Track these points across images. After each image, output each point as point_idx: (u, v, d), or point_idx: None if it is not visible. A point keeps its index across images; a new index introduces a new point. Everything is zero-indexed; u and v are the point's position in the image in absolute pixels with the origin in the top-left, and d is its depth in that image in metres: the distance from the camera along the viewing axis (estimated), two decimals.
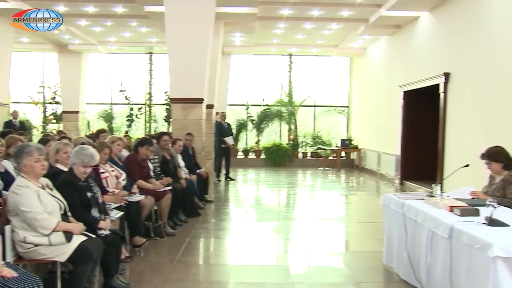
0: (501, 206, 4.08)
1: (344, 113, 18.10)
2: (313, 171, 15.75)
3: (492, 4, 7.95)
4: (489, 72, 7.95)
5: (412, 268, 4.27)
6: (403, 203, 4.49)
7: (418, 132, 11.65)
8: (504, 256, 2.86)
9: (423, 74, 10.57)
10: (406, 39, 12.11)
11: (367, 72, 15.96)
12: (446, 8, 9.71)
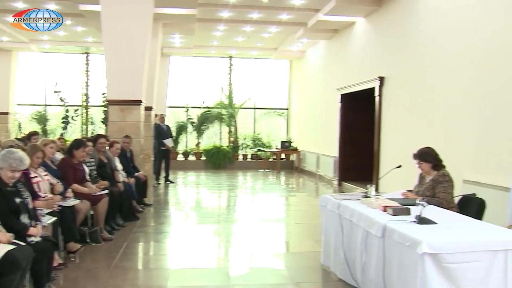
0: (430, 205, 4.27)
1: (283, 116, 18.33)
2: (254, 173, 15.83)
3: (421, 12, 8.32)
4: (419, 75, 8.31)
5: (348, 267, 4.37)
6: (339, 204, 4.59)
7: (355, 134, 11.96)
8: (431, 252, 2.99)
9: (360, 78, 10.88)
10: (343, 44, 12.43)
11: (306, 75, 16.25)
12: (380, 15, 10.06)
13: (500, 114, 6.17)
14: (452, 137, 7.16)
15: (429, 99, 7.97)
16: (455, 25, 7.28)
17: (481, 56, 6.59)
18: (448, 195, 4.71)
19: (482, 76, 6.56)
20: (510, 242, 3.15)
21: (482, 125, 6.54)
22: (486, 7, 6.54)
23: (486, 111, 6.46)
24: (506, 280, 3.12)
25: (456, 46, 7.24)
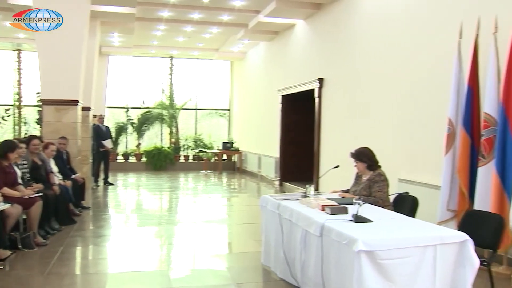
0: (367, 203, 4.40)
1: (225, 116, 18.34)
2: (195, 174, 15.73)
3: (357, 17, 8.59)
4: (356, 77, 8.57)
5: (288, 266, 4.42)
6: (279, 204, 4.64)
7: (296, 135, 12.15)
8: (366, 250, 3.07)
9: (300, 79, 11.06)
10: (283, 45, 12.59)
11: (247, 76, 16.33)
12: (319, 18, 10.28)
13: (428, 116, 6.47)
14: (388, 138, 7.42)
15: (366, 101, 8.22)
16: (387, 31, 7.58)
17: (411, 60, 6.89)
18: (383, 194, 4.87)
19: (412, 79, 6.85)
20: (438, 238, 3.30)
21: (413, 126, 6.82)
22: (415, 15, 6.85)
23: (417, 113, 6.74)
24: (434, 273, 3.27)
25: (388, 50, 7.52)
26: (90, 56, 10.51)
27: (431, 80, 6.44)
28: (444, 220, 5.56)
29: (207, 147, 17.27)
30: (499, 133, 4.92)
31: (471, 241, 3.35)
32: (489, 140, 5.05)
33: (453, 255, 3.36)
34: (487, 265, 3.84)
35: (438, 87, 6.19)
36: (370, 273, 3.09)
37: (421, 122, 6.64)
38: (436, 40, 6.35)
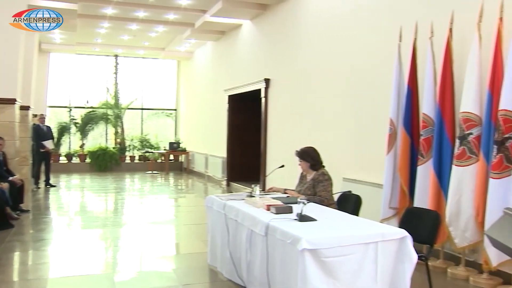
0: (312, 202, 4.47)
1: (172, 116, 18.14)
2: (142, 175, 15.49)
3: (303, 18, 8.71)
4: (302, 78, 8.68)
5: (234, 266, 4.42)
6: (224, 204, 4.64)
7: (243, 135, 12.17)
8: (310, 248, 3.12)
9: (247, 79, 11.09)
10: (230, 45, 12.59)
11: (194, 75, 16.23)
12: (265, 19, 10.35)
13: (371, 116, 6.65)
14: (332, 138, 7.56)
15: (311, 101, 8.35)
16: (332, 32, 7.72)
17: (355, 61, 7.05)
18: (328, 193, 4.96)
19: (357, 80, 7.02)
20: (380, 235, 3.40)
21: (357, 126, 6.99)
22: (359, 18, 7.01)
23: (361, 113, 6.91)
24: (376, 269, 3.36)
25: (333, 51, 7.67)
26: (29, 53, 10.13)
27: (374, 82, 6.62)
28: (386, 217, 5.73)
29: (153, 148, 17.03)
30: (436, 133, 5.13)
31: (410, 237, 3.46)
32: (427, 140, 5.25)
33: (393, 251, 3.46)
34: (424, 260, 3.99)
35: (380, 88, 6.37)
36: (314, 271, 3.14)
37: (365, 122, 6.82)
38: (378, 42, 6.54)
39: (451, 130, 5.03)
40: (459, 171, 4.81)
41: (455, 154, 4.84)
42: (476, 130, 4.71)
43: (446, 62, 5.03)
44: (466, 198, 4.77)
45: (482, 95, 4.70)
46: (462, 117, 4.78)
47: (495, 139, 4.40)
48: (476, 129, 4.70)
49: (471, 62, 4.73)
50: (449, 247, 5.19)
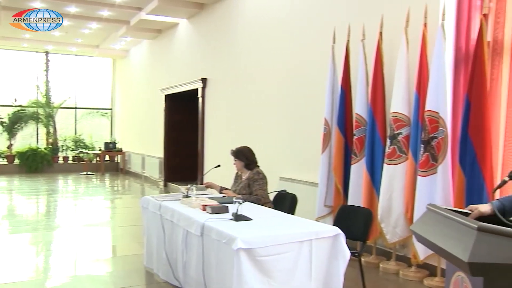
0: (247, 202, 4.50)
1: (107, 116, 17.67)
2: (76, 176, 15.00)
3: (240, 17, 8.74)
4: (239, 78, 8.71)
5: (171, 267, 4.37)
6: (160, 205, 4.57)
7: (180, 135, 12.07)
8: (245, 247, 3.13)
9: (183, 79, 10.99)
10: (167, 44, 12.43)
11: (130, 74, 15.90)
12: (202, 18, 10.29)
13: (307, 116, 6.76)
14: (269, 137, 7.63)
15: (248, 101, 8.39)
16: (269, 32, 7.79)
17: (291, 61, 7.15)
18: (263, 191, 5.00)
19: (292, 80, 7.12)
20: (314, 233, 3.46)
21: (294, 126, 7.09)
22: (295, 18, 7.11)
23: (297, 113, 7.02)
24: (311, 267, 3.42)
25: (270, 51, 7.74)
26: None
27: (309, 82, 6.74)
28: (322, 215, 5.86)
29: (88, 148, 16.53)
30: (368, 133, 5.29)
31: (343, 235, 3.55)
32: (360, 139, 5.41)
33: (327, 248, 3.53)
34: (357, 256, 4.11)
35: (315, 88, 6.49)
36: (249, 270, 3.15)
37: (301, 122, 6.93)
38: (313, 43, 6.66)
39: (382, 130, 5.21)
40: (390, 169, 4.99)
41: (386, 153, 5.02)
42: (405, 130, 4.90)
43: (377, 64, 5.21)
44: (396, 196, 4.96)
45: (410, 96, 4.91)
46: (392, 117, 4.96)
47: (422, 139, 4.60)
48: (405, 129, 4.90)
49: (400, 64, 4.93)
50: (381, 243, 5.36)
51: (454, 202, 4.44)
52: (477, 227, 1.71)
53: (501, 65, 4.32)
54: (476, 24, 4.45)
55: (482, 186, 4.16)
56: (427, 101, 4.57)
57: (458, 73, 4.73)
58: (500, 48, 4.33)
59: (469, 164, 4.25)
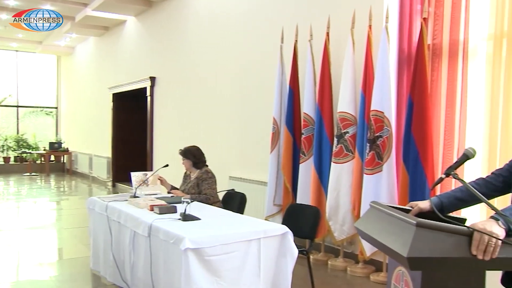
0: (196, 201, 4.48)
1: (52, 115, 17.11)
2: (18, 177, 14.47)
3: (189, 15, 8.67)
4: (188, 76, 8.65)
5: (118, 269, 4.29)
6: (106, 205, 4.47)
7: (129, 134, 11.88)
8: (193, 247, 3.11)
9: (132, 77, 10.81)
10: (114, 42, 12.18)
11: (76, 72, 15.48)
12: (150, 15, 10.14)
13: (256, 115, 6.80)
14: (219, 136, 7.62)
15: (198, 100, 8.35)
16: (218, 31, 7.77)
17: (241, 60, 7.17)
18: (213, 190, 4.99)
19: (242, 79, 7.14)
20: (261, 232, 3.48)
21: (243, 125, 7.11)
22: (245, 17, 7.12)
23: (247, 112, 7.05)
24: (259, 265, 3.44)
25: (219, 50, 7.73)
26: None
27: (259, 81, 6.77)
28: (271, 214, 5.90)
29: (31, 148, 15.95)
30: (316, 132, 5.37)
31: (290, 233, 3.59)
32: (308, 138, 5.49)
33: (276, 247, 3.56)
34: (306, 254, 4.17)
35: (265, 88, 6.53)
36: (198, 270, 3.14)
37: (250, 121, 6.95)
38: (263, 43, 6.69)
39: (330, 129, 5.30)
40: (337, 168, 5.08)
41: (333, 152, 5.11)
42: (351, 129, 5.01)
43: (324, 64, 5.30)
44: (343, 194, 5.06)
45: (356, 96, 5.02)
46: (339, 116, 5.06)
47: (368, 138, 4.72)
48: (352, 128, 5.01)
49: (346, 65, 5.03)
50: (329, 241, 5.46)
51: (399, 199, 4.58)
52: (416, 223, 1.77)
53: (440, 67, 4.49)
54: (417, 27, 4.61)
55: (424, 183, 4.30)
56: (373, 101, 4.69)
57: (402, 74, 4.89)
58: (439, 51, 4.50)
59: (412, 162, 4.39)
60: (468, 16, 4.26)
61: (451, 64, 4.41)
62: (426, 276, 1.85)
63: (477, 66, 4.29)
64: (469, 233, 1.79)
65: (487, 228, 1.77)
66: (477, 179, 2.38)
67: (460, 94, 4.32)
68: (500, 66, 4.04)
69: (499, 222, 1.81)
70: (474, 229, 1.78)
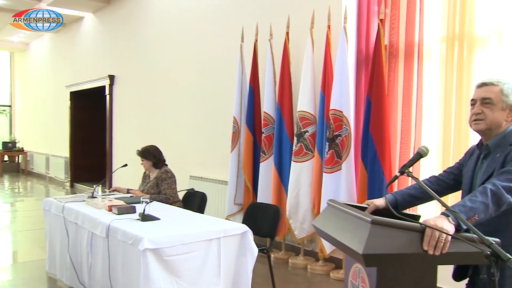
0: (156, 201, 4.44)
1: (5, 113, 16.58)
2: None
3: (150, 13, 8.56)
4: (148, 75, 8.55)
5: (75, 271, 4.20)
6: (63, 206, 4.37)
7: (87, 133, 11.66)
8: (152, 248, 3.08)
9: (90, 76, 10.59)
10: (72, 39, 11.90)
11: (32, 69, 15.03)
12: (109, 12, 9.96)
13: (217, 114, 6.79)
14: (180, 136, 7.57)
15: (158, 99, 8.26)
16: (179, 30, 7.71)
17: (202, 59, 7.13)
18: (172, 190, 4.95)
19: (203, 78, 7.10)
20: (221, 231, 3.47)
21: (203, 124, 7.09)
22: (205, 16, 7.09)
23: (207, 111, 7.02)
24: (219, 264, 3.43)
25: (180, 49, 7.67)
26: None
27: (219, 80, 6.75)
28: (232, 213, 5.91)
29: None
30: (276, 131, 5.41)
31: (250, 232, 3.60)
32: (268, 138, 5.51)
33: (236, 246, 3.56)
34: (266, 252, 4.19)
35: (225, 87, 6.52)
36: (157, 270, 3.10)
37: (211, 120, 6.93)
38: (223, 42, 6.67)
39: (290, 128, 5.34)
40: (297, 167, 5.13)
41: (293, 151, 5.16)
42: (311, 128, 5.06)
43: (284, 63, 5.34)
44: (303, 192, 5.11)
45: (315, 95, 5.08)
46: (299, 116, 5.10)
47: (327, 137, 4.78)
48: (311, 127, 5.06)
49: (306, 64, 5.08)
50: (290, 239, 5.51)
51: (358, 197, 4.66)
52: (371, 221, 1.81)
53: (397, 67, 4.60)
54: (375, 28, 4.70)
55: (382, 180, 4.40)
56: (332, 100, 4.75)
57: (360, 74, 4.98)
58: (395, 52, 4.60)
59: (370, 161, 4.48)
60: (423, 18, 4.38)
61: (407, 65, 4.52)
62: (381, 272, 1.90)
63: (432, 67, 4.41)
64: (422, 229, 1.84)
65: (438, 224, 1.83)
66: (430, 176, 2.46)
67: (415, 94, 4.43)
68: (453, 67, 4.17)
69: (449, 218, 1.87)
70: (426, 226, 1.83)
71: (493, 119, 2.16)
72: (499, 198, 1.94)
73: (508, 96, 2.15)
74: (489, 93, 2.17)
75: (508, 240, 2.02)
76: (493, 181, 1.99)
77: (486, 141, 2.21)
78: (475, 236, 1.76)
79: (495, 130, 2.17)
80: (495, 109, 2.16)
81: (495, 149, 2.16)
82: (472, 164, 2.27)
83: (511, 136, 2.13)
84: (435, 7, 4.39)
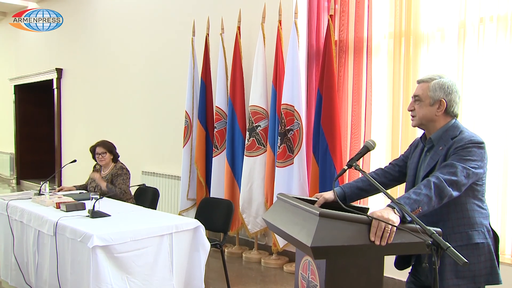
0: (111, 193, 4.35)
1: None
2: None
3: (99, 4, 8.33)
4: (99, 68, 8.34)
5: (21, 272, 4.07)
6: (7, 204, 4.22)
7: (34, 129, 11.29)
8: (101, 245, 3.02)
9: (36, 69, 10.21)
10: (15, 29, 11.40)
11: None
12: (55, 2, 9.59)
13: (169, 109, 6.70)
14: (131, 131, 7.43)
15: (110, 93, 8.07)
16: (129, 22, 7.54)
17: (153, 53, 7.01)
18: (127, 187, 4.86)
19: (155, 72, 6.99)
20: (173, 226, 3.45)
21: (156, 119, 6.99)
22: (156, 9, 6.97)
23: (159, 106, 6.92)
24: (172, 260, 3.41)
25: (130, 42, 7.51)
26: None
27: (171, 75, 6.66)
28: (185, 209, 5.88)
29: None
30: (228, 126, 5.41)
31: (202, 227, 3.59)
32: (221, 132, 5.51)
33: (188, 241, 3.55)
34: (219, 247, 4.19)
35: (177, 81, 6.44)
36: (107, 268, 3.05)
37: (163, 115, 6.84)
38: (175, 36, 6.58)
39: (242, 123, 5.34)
40: (250, 161, 5.15)
41: (246, 145, 5.17)
42: (263, 122, 5.09)
43: (235, 58, 5.33)
44: (256, 186, 5.14)
45: (267, 90, 5.10)
46: (251, 110, 5.12)
47: (279, 131, 4.82)
48: (264, 121, 5.09)
49: (257, 59, 5.09)
50: (244, 233, 5.53)
51: (310, 190, 4.73)
52: (319, 213, 1.83)
53: (347, 62, 4.67)
54: (325, 23, 4.76)
55: (334, 174, 4.47)
56: (283, 95, 4.79)
57: (311, 68, 5.04)
58: (345, 47, 4.68)
59: (322, 154, 4.54)
60: (371, 14, 4.47)
61: (356, 60, 4.60)
62: (330, 264, 1.94)
63: (380, 62, 4.52)
64: (369, 221, 1.88)
65: (384, 216, 1.88)
66: (376, 169, 2.52)
67: (365, 89, 4.52)
68: (400, 62, 4.29)
69: (395, 210, 1.93)
70: (372, 217, 1.88)
71: (422, 116, 2.25)
72: (441, 191, 2.01)
73: (435, 91, 2.22)
74: (418, 90, 2.27)
75: (448, 229, 2.12)
76: (436, 174, 2.06)
77: (429, 134, 2.29)
78: (418, 227, 1.82)
79: (431, 125, 2.25)
80: (423, 105, 2.24)
81: (437, 142, 2.23)
82: (416, 157, 2.34)
83: (452, 130, 2.21)
84: (383, 4, 4.49)
